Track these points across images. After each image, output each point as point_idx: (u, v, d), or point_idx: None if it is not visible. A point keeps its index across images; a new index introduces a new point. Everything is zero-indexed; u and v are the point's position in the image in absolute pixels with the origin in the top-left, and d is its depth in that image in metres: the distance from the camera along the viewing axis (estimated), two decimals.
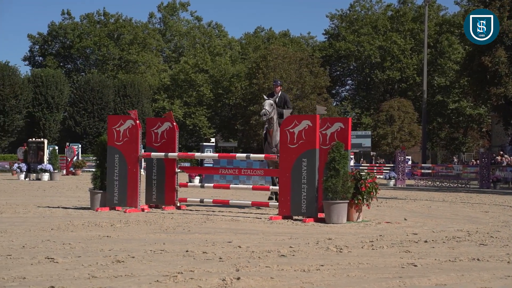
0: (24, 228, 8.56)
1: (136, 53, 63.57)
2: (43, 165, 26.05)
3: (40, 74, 53.98)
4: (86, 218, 10.19)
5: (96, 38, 63.51)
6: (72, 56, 65.88)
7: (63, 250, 6.73)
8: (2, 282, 5.04)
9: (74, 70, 66.58)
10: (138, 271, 5.55)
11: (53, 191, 17.91)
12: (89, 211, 11.50)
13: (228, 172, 13.81)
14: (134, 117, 11.92)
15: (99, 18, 66.59)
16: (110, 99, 55.29)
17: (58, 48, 65.72)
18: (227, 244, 7.33)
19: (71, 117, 54.67)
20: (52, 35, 65.36)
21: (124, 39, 63.97)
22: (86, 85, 54.94)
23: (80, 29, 64.67)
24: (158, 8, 71.06)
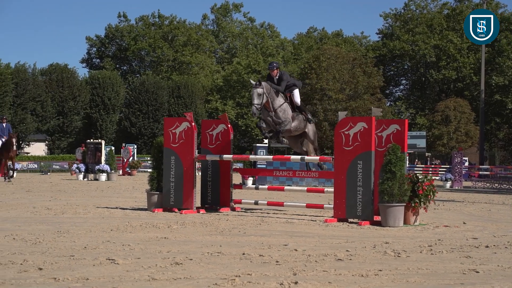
0: (85, 229, 8.78)
1: (190, 54, 64.32)
2: (100, 166, 26.63)
3: (97, 76, 55.23)
4: (144, 219, 10.36)
5: (151, 40, 64.57)
6: (128, 58, 67.15)
7: (123, 251, 6.86)
8: (67, 283, 5.18)
9: (130, 71, 67.86)
10: (196, 274, 5.61)
11: (111, 191, 18.29)
12: (146, 212, 11.69)
13: (282, 174, 13.78)
14: (189, 119, 12.05)
15: (154, 20, 67.66)
16: (164, 100, 56.08)
17: (114, 50, 67.12)
18: (283, 247, 7.33)
19: (127, 118, 55.70)
20: (109, 38, 66.83)
21: (178, 41, 64.80)
22: (141, 87, 55.89)
23: (135, 31, 65.87)
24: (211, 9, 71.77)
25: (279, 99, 11.78)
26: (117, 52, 66.86)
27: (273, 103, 11.65)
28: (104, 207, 12.57)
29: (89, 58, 68.99)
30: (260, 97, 11.38)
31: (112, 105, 54.86)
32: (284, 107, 11.83)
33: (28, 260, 6.10)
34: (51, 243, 7.39)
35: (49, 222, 9.76)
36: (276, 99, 11.72)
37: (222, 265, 6.09)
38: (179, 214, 11.38)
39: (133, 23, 67.53)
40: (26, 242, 7.44)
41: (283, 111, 11.79)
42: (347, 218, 10.39)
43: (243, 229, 9.15)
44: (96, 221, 9.99)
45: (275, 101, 11.67)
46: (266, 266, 6.03)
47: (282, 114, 11.75)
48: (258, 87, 11.41)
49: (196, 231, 8.82)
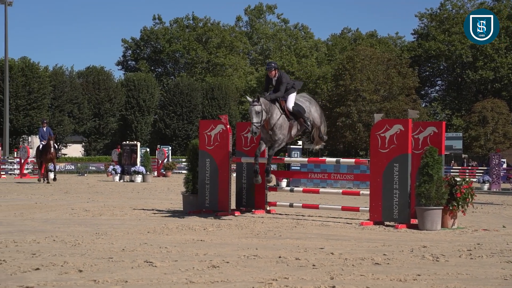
0: (123, 231, 8.88)
1: (224, 56, 64.58)
2: (136, 167, 26.90)
3: (133, 78, 55.84)
4: (180, 221, 10.44)
5: (185, 42, 65.04)
6: (163, 60, 67.75)
7: (160, 253, 6.92)
8: (106, 285, 5.25)
9: (164, 73, 68.46)
10: (233, 277, 5.63)
11: (147, 193, 18.46)
12: (182, 214, 11.77)
13: (317, 176, 13.73)
14: (224, 122, 12.10)
15: (188, 22, 68.16)
16: (198, 102, 56.39)
17: (149, 52, 67.80)
18: (319, 250, 7.30)
19: (161, 119, 56.16)
20: (144, 40, 67.55)
21: (212, 43, 65.13)
22: (175, 88, 56.30)
23: (170, 33, 66.43)
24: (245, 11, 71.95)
25: (276, 112, 11.02)
26: (152, 54, 67.52)
27: (271, 120, 10.95)
28: (141, 209, 12.70)
29: (124, 61, 69.81)
30: (259, 115, 10.65)
31: (147, 106, 55.38)
32: (280, 122, 11.07)
33: (68, 262, 6.20)
34: (90, 245, 7.50)
35: (87, 223, 9.91)
36: (274, 115, 10.98)
37: (258, 268, 6.10)
38: (215, 216, 11.43)
39: (167, 26, 68.15)
40: (65, 243, 7.57)
41: (280, 126, 11.05)
42: (383, 221, 10.30)
43: (279, 232, 9.14)
44: (133, 223, 10.10)
45: (272, 117, 10.96)
46: (303, 270, 6.01)
47: (278, 131, 11.03)
48: (256, 105, 10.67)
49: (232, 234, 8.85)
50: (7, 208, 12.41)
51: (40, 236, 8.12)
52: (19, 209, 12.28)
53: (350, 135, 51.86)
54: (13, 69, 46.63)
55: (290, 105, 11.23)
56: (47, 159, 23.17)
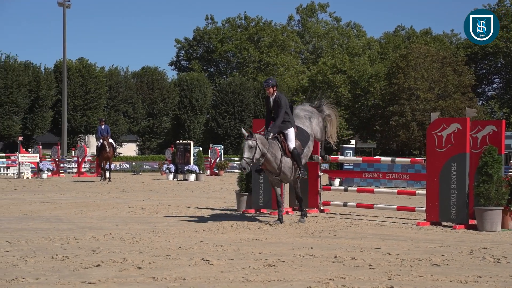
0: (178, 229, 8.99)
1: (275, 55, 64.62)
2: (189, 166, 27.19)
3: (186, 78, 56.49)
4: (234, 220, 10.49)
5: (237, 42, 65.38)
6: (215, 60, 68.29)
7: (216, 252, 6.98)
8: (165, 282, 5.33)
9: (217, 73, 69.00)
10: (289, 276, 5.63)
11: (200, 192, 18.64)
12: (236, 213, 11.84)
13: (371, 175, 13.59)
14: None
15: (240, 22, 68.48)
16: (250, 101, 56.60)
17: (202, 52, 68.46)
18: (375, 250, 7.23)
19: (214, 119, 56.62)
20: (197, 40, 68.26)
21: (264, 42, 65.26)
22: (227, 88, 56.66)
23: (222, 33, 66.91)
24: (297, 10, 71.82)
25: (278, 153, 10.07)
26: (205, 54, 68.15)
27: (276, 160, 10.02)
28: (195, 207, 12.83)
29: (177, 61, 70.68)
30: (251, 150, 9.77)
31: (200, 106, 55.92)
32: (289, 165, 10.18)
33: (127, 259, 6.32)
34: (147, 242, 7.63)
35: (144, 221, 10.08)
36: (277, 154, 10.03)
37: (314, 267, 6.08)
38: (269, 215, 11.45)
39: (220, 26, 68.66)
40: (124, 241, 7.72)
41: (289, 168, 10.19)
42: (440, 222, 10.12)
43: (333, 232, 9.10)
44: (189, 221, 10.21)
45: (276, 157, 10.01)
46: (359, 270, 5.97)
47: (289, 172, 10.19)
48: (250, 139, 9.82)
49: (286, 233, 8.85)
50: (67, 206, 12.75)
51: (100, 233, 8.31)
52: (78, 206, 12.59)
53: (403, 134, 51.11)
54: (71, 70, 47.85)
55: (291, 145, 10.20)
56: (103, 158, 23.70)
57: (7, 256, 6.49)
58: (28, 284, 5.14)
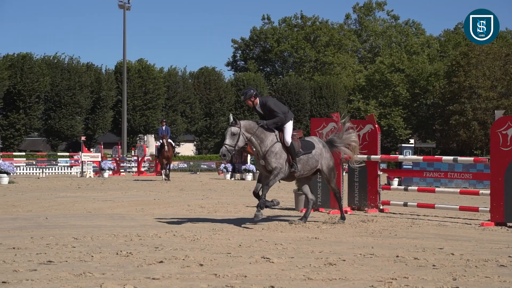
0: (238, 227, 9.06)
1: (332, 54, 64.27)
2: (247, 166, 27.35)
3: (242, 78, 56.83)
4: (293, 219, 10.48)
5: (293, 41, 65.34)
6: (271, 60, 68.45)
7: (276, 250, 6.99)
8: (226, 279, 5.37)
9: (273, 73, 69.13)
10: (351, 275, 5.59)
11: None
12: (294, 212, 11.84)
13: (432, 175, 13.34)
14: (336, 120, 12.05)
15: (297, 21, 68.41)
16: (306, 101, 56.47)
17: (258, 52, 68.72)
18: (438, 250, 7.09)
19: None
20: (253, 40, 68.57)
21: (320, 41, 65.02)
22: (283, 88, 56.70)
23: (278, 33, 66.99)
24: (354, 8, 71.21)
25: (270, 139, 9.44)
26: (261, 54, 68.39)
27: (261, 146, 9.39)
28: (253, 206, 12.87)
29: (234, 61, 71.17)
30: (234, 137, 9.22)
31: None
32: (276, 150, 9.42)
33: (189, 256, 6.40)
34: (208, 240, 7.71)
35: (204, 219, 10.19)
36: (266, 140, 9.41)
37: (376, 267, 6.01)
38: (327, 214, 11.40)
39: (276, 25, 68.76)
40: (185, 238, 7.82)
41: (275, 154, 9.38)
42: (505, 222, 9.85)
43: (394, 231, 8.98)
44: (248, 219, 10.26)
45: (263, 143, 9.39)
46: (422, 270, 5.87)
47: (273, 158, 9.35)
48: (233, 126, 9.29)
49: (346, 232, 8.79)
50: (129, 204, 13.02)
51: (161, 231, 8.45)
52: (139, 204, 12.84)
53: (464, 134, 49.98)
54: (131, 71, 48.84)
55: (288, 138, 9.52)
56: (163, 157, 24.12)
57: (74, 251, 6.68)
58: (95, 279, 5.28)
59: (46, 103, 45.68)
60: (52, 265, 5.86)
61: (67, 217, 10.51)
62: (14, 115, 43.84)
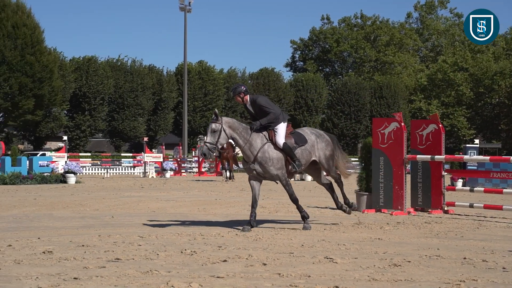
0: (299, 227, 9.04)
1: (392, 54, 63.38)
2: None
3: (301, 79, 56.73)
4: (355, 219, 10.40)
5: (353, 41, 64.79)
6: (330, 60, 68.07)
7: (339, 250, 6.95)
8: (290, 279, 5.38)
9: (332, 73, 68.73)
10: (417, 277, 5.49)
11: (318, 191, 18.63)
12: (355, 213, 11.72)
13: (500, 176, 12.97)
14: (399, 119, 11.87)
15: (356, 21, 67.79)
16: (366, 101, 55.87)
17: (317, 52, 68.47)
18: (508, 253, 6.89)
19: (329, 119, 56.43)
20: (312, 40, 68.36)
21: (381, 41, 64.23)
22: (343, 88, 56.27)
23: (338, 33, 66.56)
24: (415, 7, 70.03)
25: (258, 141, 8.84)
26: (320, 54, 68.12)
27: (251, 149, 8.82)
28: (314, 206, 12.85)
29: (292, 62, 71.14)
30: (214, 134, 8.66)
31: (315, 106, 55.94)
32: (269, 155, 8.82)
33: (252, 255, 6.44)
34: (270, 240, 7.73)
35: (265, 219, 10.23)
36: (254, 143, 8.80)
37: (442, 268, 5.89)
38: (389, 215, 11.25)
39: (335, 25, 68.35)
40: (247, 238, 7.87)
41: (270, 159, 8.81)
42: None
43: (460, 233, 8.77)
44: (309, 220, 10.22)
45: (252, 146, 8.80)
46: (492, 272, 5.71)
47: (270, 165, 8.81)
48: (214, 122, 8.73)
49: (410, 233, 8.65)
50: (191, 204, 13.21)
51: (224, 230, 8.53)
52: (201, 204, 13.00)
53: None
54: (191, 72, 49.48)
55: (280, 140, 8.91)
56: (223, 158, 24.34)
57: (140, 249, 6.82)
58: (162, 277, 5.37)
59: (110, 105, 46.79)
60: (120, 263, 6.00)
61: (132, 216, 10.75)
62: (80, 116, 45.09)
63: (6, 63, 37.43)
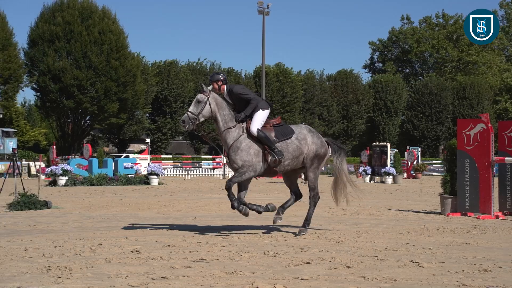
0: (382, 230, 8.91)
1: (476, 53, 61.41)
2: (386, 169, 26.85)
3: (380, 80, 55.93)
4: (439, 223, 10.15)
5: (434, 41, 63.23)
6: (410, 61, 66.71)
7: (424, 254, 6.79)
8: (375, 282, 5.30)
9: (412, 74, 67.33)
10: (509, 283, 5.30)
11: (399, 194, 18.30)
12: (439, 216, 11.43)
13: None
14: (485, 121, 11.48)
15: (438, 20, 66.11)
16: (448, 102, 54.41)
17: (397, 53, 67.25)
18: None
19: (409, 120, 55.33)
20: (391, 41, 67.20)
21: (464, 40, 62.31)
22: (424, 89, 55.05)
23: (418, 33, 65.13)
24: (500, 5, 67.59)
25: (234, 130, 8.35)
26: (400, 55, 66.87)
27: (227, 137, 8.34)
28: (396, 209, 12.63)
29: (371, 63, 70.20)
30: (198, 105, 8.27)
31: (395, 108, 55.01)
32: (239, 144, 8.25)
33: (335, 258, 6.40)
34: (353, 242, 7.65)
35: (346, 222, 10.15)
36: (231, 131, 8.35)
37: None
38: (476, 219, 10.89)
39: (416, 25, 66.92)
40: (329, 240, 7.83)
41: (237, 149, 8.23)
42: None
43: None
44: (391, 223, 10.08)
45: (229, 133, 8.34)
46: None
47: (235, 155, 8.23)
48: (201, 93, 8.36)
49: (499, 238, 8.35)
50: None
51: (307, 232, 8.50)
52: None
53: None
54: (269, 75, 49.74)
55: (254, 127, 8.27)
56: None
57: (224, 250, 6.91)
58: (246, 277, 5.42)
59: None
60: (205, 263, 6.10)
61: (213, 217, 10.92)
62: (161, 119, 46.20)
63: (92, 68, 38.88)
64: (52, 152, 29.74)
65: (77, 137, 41.99)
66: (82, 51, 38.89)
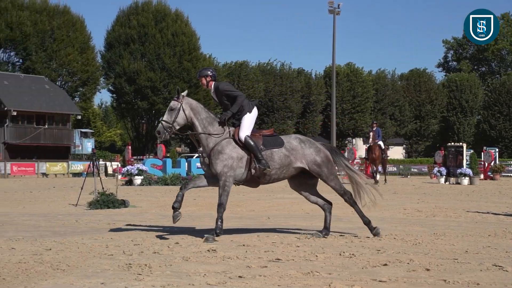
0: (461, 233, 8.67)
1: None
2: (462, 169, 26.13)
3: (455, 79, 54.58)
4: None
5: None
6: (487, 59, 64.73)
7: (507, 258, 6.56)
8: (457, 286, 5.16)
9: (489, 72, 65.32)
10: None
11: (477, 195, 17.77)
12: None
13: None
14: None
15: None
16: None
17: (472, 51, 65.40)
18: None
19: (485, 120, 53.70)
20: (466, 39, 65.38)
21: None
22: (501, 88, 53.31)
23: None
24: None
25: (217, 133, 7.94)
26: (475, 53, 65.01)
27: (208, 141, 7.93)
28: (475, 211, 12.27)
29: (445, 62, 68.57)
30: (172, 113, 7.84)
31: (470, 107, 53.57)
32: (221, 148, 7.87)
33: (413, 260, 6.26)
34: (431, 244, 7.48)
35: (423, 223, 9.94)
36: (211, 140, 7.91)
37: None
38: None
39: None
40: (406, 242, 7.68)
41: (219, 153, 7.84)
42: None
43: None
44: (470, 225, 9.80)
45: (210, 137, 7.93)
46: None
47: (217, 160, 7.81)
48: (175, 100, 7.92)
49: None
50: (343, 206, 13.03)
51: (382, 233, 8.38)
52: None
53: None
54: (339, 75, 49.41)
55: (242, 134, 7.91)
56: (371, 160, 23.99)
57: (299, 251, 6.90)
58: (323, 278, 5.38)
59: (260, 108, 47.98)
60: (280, 263, 6.10)
61: (286, 218, 10.93)
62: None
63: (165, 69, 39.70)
64: (128, 152, 30.54)
65: (151, 138, 42.97)
66: (156, 53, 39.79)
